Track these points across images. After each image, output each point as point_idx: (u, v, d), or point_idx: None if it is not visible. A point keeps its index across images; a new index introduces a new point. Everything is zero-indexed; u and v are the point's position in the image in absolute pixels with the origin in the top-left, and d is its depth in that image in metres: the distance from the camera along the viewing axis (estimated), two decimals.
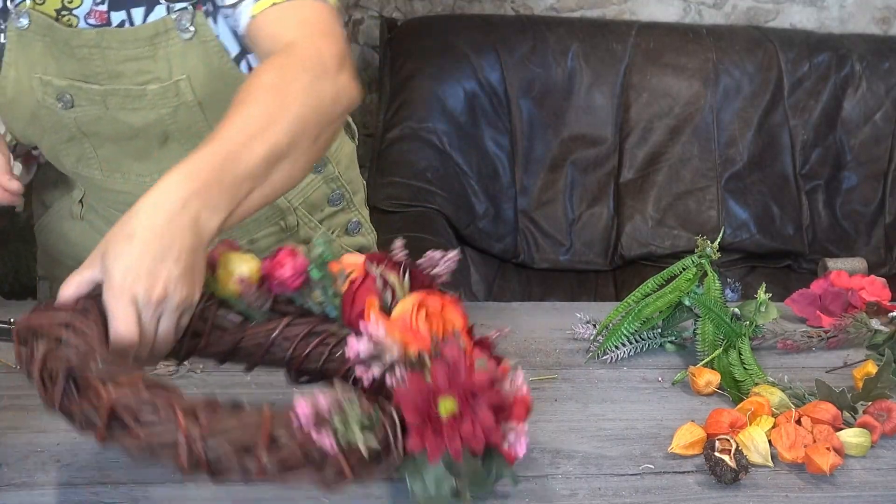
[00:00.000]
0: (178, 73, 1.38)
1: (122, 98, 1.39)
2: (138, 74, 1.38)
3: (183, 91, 1.38)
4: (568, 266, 2.90)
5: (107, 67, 1.37)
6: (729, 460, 1.12)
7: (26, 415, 1.18)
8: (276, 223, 1.55)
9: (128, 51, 1.37)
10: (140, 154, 1.44)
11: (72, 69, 1.38)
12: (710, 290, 1.38)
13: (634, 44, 2.93)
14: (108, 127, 1.41)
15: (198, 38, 1.37)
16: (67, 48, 1.37)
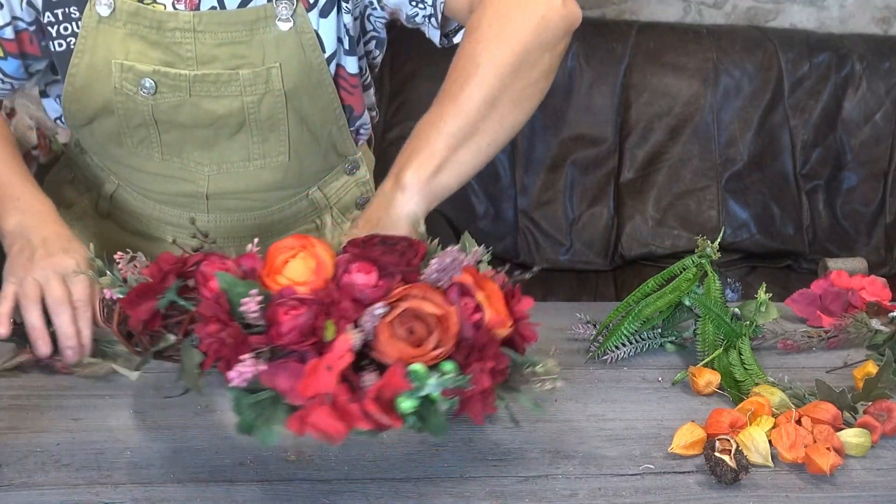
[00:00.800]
0: (272, 60, 1.40)
1: (209, 84, 1.40)
2: (231, 59, 1.39)
3: (273, 79, 1.40)
4: (568, 266, 2.90)
5: (198, 51, 1.38)
6: (729, 460, 1.12)
7: (26, 415, 1.19)
8: (312, 221, 1.57)
9: (224, 34, 1.38)
10: (206, 142, 1.45)
11: (156, 55, 1.38)
12: (710, 290, 1.38)
13: (634, 44, 2.93)
14: (187, 114, 1.42)
15: (296, 29, 1.39)
16: (157, 32, 1.37)
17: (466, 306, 1.06)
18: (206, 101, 1.41)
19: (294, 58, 1.41)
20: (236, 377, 0.99)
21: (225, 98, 1.41)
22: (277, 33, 1.39)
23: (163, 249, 1.50)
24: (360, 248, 1.09)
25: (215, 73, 1.39)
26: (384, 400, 0.99)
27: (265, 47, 1.39)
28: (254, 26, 1.38)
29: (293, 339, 1.00)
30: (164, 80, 1.39)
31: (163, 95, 1.40)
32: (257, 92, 1.41)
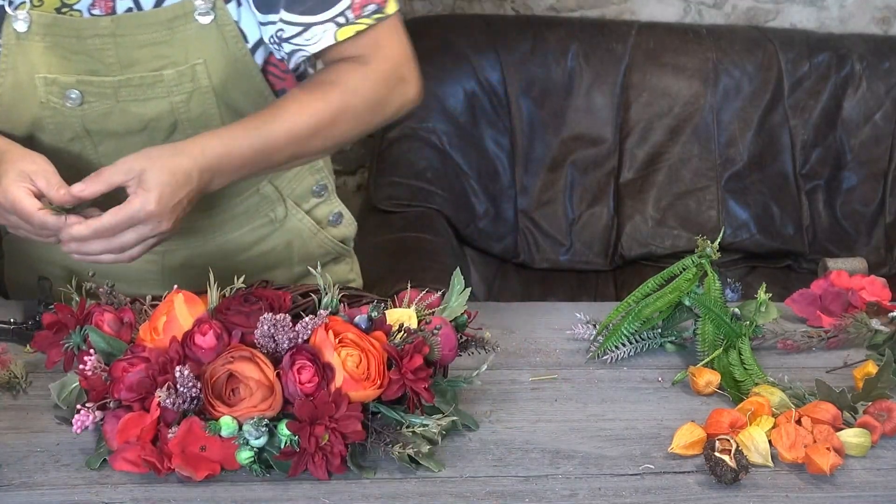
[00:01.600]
0: (195, 57, 1.38)
1: (135, 88, 1.38)
2: (154, 60, 1.38)
3: (199, 76, 1.38)
4: (568, 266, 2.90)
5: (120, 56, 1.36)
6: (729, 460, 1.12)
7: (26, 415, 1.19)
8: (265, 215, 1.55)
9: (144, 35, 1.36)
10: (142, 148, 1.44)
11: (79, 65, 1.37)
12: (710, 290, 1.38)
13: (634, 44, 2.93)
14: (116, 121, 1.40)
15: (216, 22, 1.37)
16: (76, 42, 1.35)
17: (301, 370, 1.11)
18: (133, 105, 1.39)
19: (218, 52, 1.39)
20: (78, 427, 1.11)
21: (152, 100, 1.39)
22: (198, 29, 1.37)
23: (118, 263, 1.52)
24: (225, 307, 1.19)
25: (139, 76, 1.37)
26: (189, 450, 1.08)
27: (187, 44, 1.37)
28: (173, 24, 1.36)
29: (125, 395, 1.11)
30: (90, 88, 1.37)
31: (90, 105, 1.38)
32: (185, 91, 1.39)
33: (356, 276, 1.73)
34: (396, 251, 2.59)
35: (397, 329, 1.18)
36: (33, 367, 1.27)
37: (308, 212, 1.59)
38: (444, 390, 1.21)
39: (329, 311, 1.19)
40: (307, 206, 1.60)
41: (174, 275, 1.51)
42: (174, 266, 1.52)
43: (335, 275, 1.65)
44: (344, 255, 1.68)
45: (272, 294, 1.22)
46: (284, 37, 1.40)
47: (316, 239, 1.61)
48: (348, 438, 1.09)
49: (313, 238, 1.61)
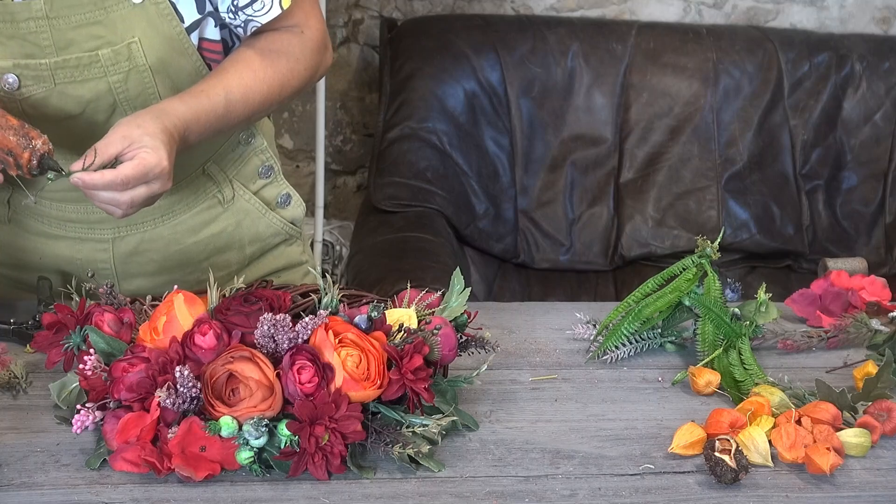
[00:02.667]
0: (129, 36, 1.39)
1: (72, 69, 1.38)
2: (89, 40, 1.38)
3: (134, 54, 1.39)
4: (568, 266, 2.90)
5: (55, 38, 1.36)
6: (729, 460, 1.12)
7: (26, 415, 1.18)
8: (213, 196, 1.56)
9: (78, 16, 1.36)
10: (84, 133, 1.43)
11: (14, 49, 1.37)
12: (710, 290, 1.38)
13: (634, 44, 2.93)
14: (55, 104, 1.40)
15: (149, 1, 1.38)
16: (10, 26, 1.35)
17: (301, 371, 1.11)
18: (71, 87, 1.39)
19: (152, 30, 1.40)
20: (78, 427, 1.11)
21: (90, 81, 1.39)
22: (131, 8, 1.38)
23: (67, 247, 1.51)
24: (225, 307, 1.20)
25: (75, 57, 1.38)
26: (189, 450, 1.08)
27: (121, 24, 1.38)
28: (106, 4, 1.37)
29: (125, 395, 1.11)
30: (26, 72, 1.37)
31: (28, 88, 1.38)
32: (121, 70, 1.40)
33: (308, 256, 1.73)
34: (396, 251, 2.59)
35: (397, 329, 1.18)
36: (33, 367, 1.27)
37: (255, 193, 1.60)
38: (444, 390, 1.21)
39: (329, 311, 1.19)
40: (254, 187, 1.60)
41: (126, 261, 1.53)
42: (126, 252, 1.53)
43: (288, 256, 1.66)
44: (294, 237, 1.68)
45: (272, 294, 1.22)
46: (240, 5, 1.43)
47: (265, 219, 1.61)
48: (348, 438, 1.09)
49: (262, 218, 1.61)
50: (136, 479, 1.08)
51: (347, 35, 3.14)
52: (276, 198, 1.63)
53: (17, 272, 1.55)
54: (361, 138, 3.25)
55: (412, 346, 1.16)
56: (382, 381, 1.13)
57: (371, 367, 1.13)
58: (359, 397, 1.11)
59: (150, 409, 1.10)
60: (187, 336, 1.14)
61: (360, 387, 1.11)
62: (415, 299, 1.24)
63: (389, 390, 1.14)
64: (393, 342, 1.17)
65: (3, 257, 1.55)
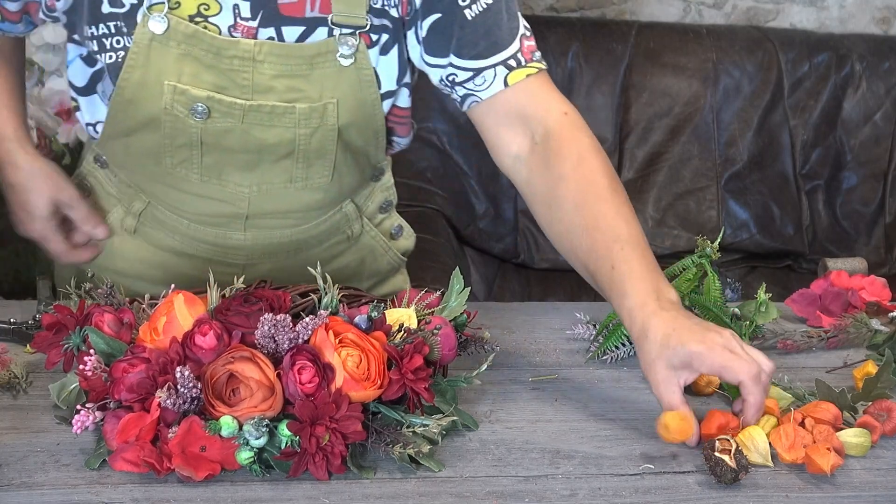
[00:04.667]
0: (329, 96, 1.38)
1: (264, 115, 1.37)
2: (288, 91, 1.37)
3: (329, 114, 1.39)
4: (568, 266, 2.87)
5: (255, 81, 1.36)
6: (729, 460, 1.12)
7: (26, 415, 1.18)
8: (343, 231, 1.56)
9: (285, 66, 1.36)
10: (247, 165, 1.43)
11: (211, 79, 1.36)
12: (710, 290, 1.38)
13: (634, 44, 2.93)
14: (234, 140, 1.39)
15: (355, 66, 1.37)
16: (213, 58, 1.34)
17: (301, 371, 1.11)
18: (257, 129, 1.39)
19: (351, 94, 1.39)
20: (78, 427, 1.10)
21: (277, 128, 1.39)
22: (337, 69, 1.37)
23: (195, 267, 1.50)
24: (225, 307, 1.19)
25: (271, 105, 1.37)
26: (189, 450, 1.08)
27: (324, 82, 1.38)
28: (314, 61, 1.37)
29: (125, 396, 1.11)
30: (218, 106, 1.36)
31: (214, 121, 1.37)
32: (311, 126, 1.39)
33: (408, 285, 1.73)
34: None
35: (397, 329, 1.18)
36: (33, 367, 1.27)
37: (377, 226, 1.61)
38: (444, 390, 1.21)
39: (329, 311, 1.19)
40: (375, 221, 1.61)
41: None
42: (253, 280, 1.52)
43: (393, 285, 1.67)
44: (401, 267, 1.69)
45: (272, 294, 1.22)
46: (457, 81, 1.41)
47: (386, 256, 1.63)
48: (349, 438, 1.09)
49: (384, 255, 1.63)
50: (136, 479, 1.08)
51: None
52: (391, 229, 1.63)
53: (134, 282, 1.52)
54: None
55: (412, 346, 1.16)
56: (383, 381, 1.13)
57: (371, 367, 1.13)
58: (359, 397, 1.11)
59: (151, 409, 1.10)
60: (187, 336, 1.14)
61: (360, 387, 1.11)
62: (414, 299, 1.24)
63: (390, 390, 1.14)
64: (393, 342, 1.17)
65: (124, 266, 1.55)
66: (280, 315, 1.14)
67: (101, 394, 1.14)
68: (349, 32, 1.37)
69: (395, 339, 1.17)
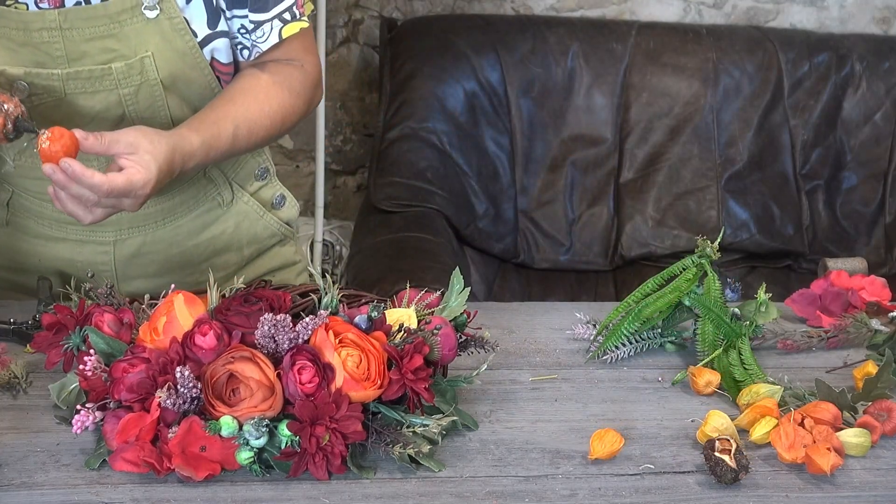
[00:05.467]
0: (143, 50, 1.39)
1: (83, 81, 1.38)
2: (102, 53, 1.38)
3: (147, 69, 1.39)
4: (568, 266, 2.90)
5: (68, 49, 1.36)
6: (729, 460, 1.12)
7: (26, 415, 1.19)
8: (214, 198, 1.56)
9: (92, 29, 1.36)
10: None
11: (25, 56, 1.36)
12: (710, 290, 1.38)
13: (634, 44, 2.93)
14: (64, 113, 1.40)
15: (164, 15, 1.38)
16: (23, 34, 1.35)
17: (301, 371, 1.11)
18: (81, 97, 1.39)
19: (165, 45, 1.40)
20: (78, 427, 1.10)
21: (100, 93, 1.39)
22: (145, 22, 1.38)
23: (67, 250, 1.51)
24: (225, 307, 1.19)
25: (88, 70, 1.38)
26: (189, 450, 1.08)
27: (135, 38, 1.38)
28: (120, 17, 1.37)
29: (125, 396, 1.11)
30: (37, 81, 1.37)
31: (38, 97, 1.38)
32: (133, 84, 1.40)
33: (301, 256, 1.74)
34: (396, 251, 2.59)
35: (397, 329, 1.18)
36: (33, 367, 1.28)
37: (252, 194, 1.61)
38: (444, 390, 1.21)
39: (329, 311, 1.19)
40: (251, 189, 1.61)
41: (127, 264, 1.53)
42: (127, 255, 1.53)
43: (283, 256, 1.67)
44: (288, 237, 1.69)
45: (272, 294, 1.22)
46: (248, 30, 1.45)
47: (262, 221, 1.63)
48: (349, 439, 1.09)
49: (259, 220, 1.62)
50: (136, 479, 1.08)
51: (347, 35, 3.14)
52: (272, 199, 1.64)
53: (16, 275, 1.55)
54: (361, 138, 3.25)
55: (412, 346, 1.16)
56: (383, 381, 1.13)
57: (371, 367, 1.13)
58: (359, 397, 1.11)
59: (151, 409, 1.10)
60: (187, 336, 1.14)
61: (360, 387, 1.11)
62: (414, 299, 1.24)
63: (390, 390, 1.14)
64: (393, 342, 1.17)
65: (1, 260, 1.55)
66: (280, 315, 1.14)
67: (101, 394, 1.14)
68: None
69: (395, 339, 1.17)
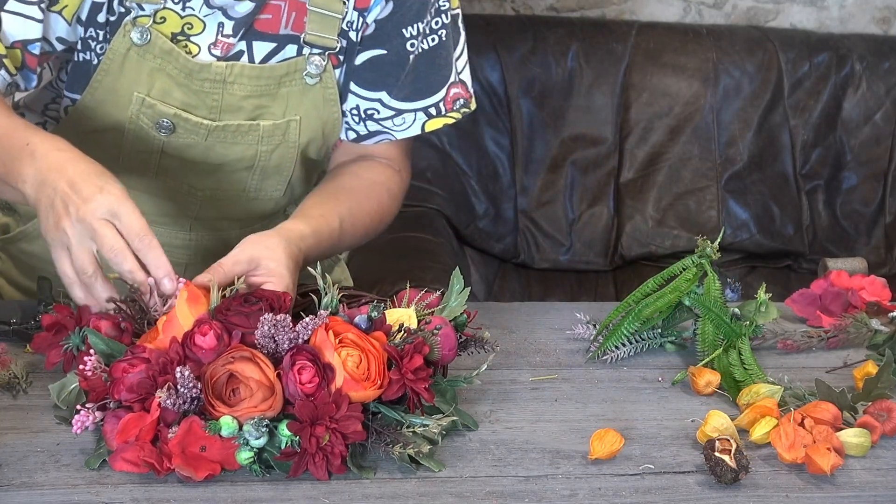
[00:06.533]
0: (292, 113, 1.39)
1: (229, 133, 1.38)
2: (254, 110, 1.38)
3: (291, 131, 1.39)
4: (568, 266, 2.90)
5: (224, 102, 1.36)
6: (729, 460, 1.12)
7: (26, 415, 1.18)
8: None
9: (254, 87, 1.37)
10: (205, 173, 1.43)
11: (180, 97, 1.36)
12: (710, 290, 1.38)
13: (634, 44, 2.93)
14: (196, 153, 1.40)
15: (321, 84, 1.38)
16: (185, 78, 1.35)
17: (301, 371, 1.10)
18: (220, 146, 1.39)
19: (314, 112, 1.40)
20: (78, 427, 1.10)
21: (240, 146, 1.40)
22: (302, 87, 1.38)
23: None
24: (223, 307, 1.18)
25: (236, 124, 1.38)
26: (189, 450, 1.08)
27: (288, 100, 1.38)
28: (282, 80, 1.37)
29: (125, 396, 1.11)
30: (184, 124, 1.37)
31: (178, 137, 1.38)
32: (273, 143, 1.40)
33: (347, 276, 1.74)
34: (396, 251, 2.59)
35: (397, 329, 1.18)
36: (33, 367, 1.27)
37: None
38: (444, 390, 1.21)
39: (329, 311, 1.19)
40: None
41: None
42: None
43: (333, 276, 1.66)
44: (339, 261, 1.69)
45: (272, 294, 1.22)
46: (376, 117, 1.43)
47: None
48: (349, 439, 1.09)
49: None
50: (136, 479, 1.08)
51: None
52: None
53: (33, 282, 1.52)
54: None
55: (412, 346, 1.16)
56: (383, 381, 1.13)
57: (371, 367, 1.13)
58: (359, 397, 1.11)
59: (151, 409, 1.10)
60: (187, 336, 1.14)
61: (360, 387, 1.11)
62: (414, 299, 1.24)
63: (390, 390, 1.14)
64: (393, 342, 1.17)
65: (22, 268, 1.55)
66: (280, 315, 1.14)
67: (101, 394, 1.14)
68: (318, 52, 1.37)
69: (395, 339, 1.17)
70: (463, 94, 1.47)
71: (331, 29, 1.36)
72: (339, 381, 1.11)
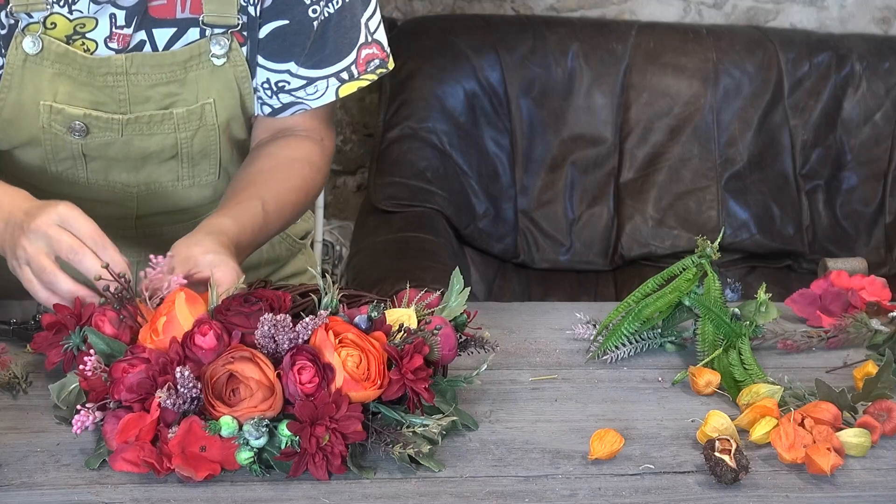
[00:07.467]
0: (205, 96, 1.38)
1: (143, 125, 1.37)
2: (164, 98, 1.37)
3: (207, 114, 1.38)
4: (568, 266, 2.90)
5: (132, 94, 1.36)
6: (729, 460, 1.12)
7: (26, 415, 1.18)
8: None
9: (159, 75, 1.36)
10: (133, 167, 1.43)
11: (87, 97, 1.36)
12: (710, 290, 1.38)
13: (634, 44, 2.93)
14: (117, 151, 1.39)
15: (229, 63, 1.37)
16: (87, 76, 1.34)
17: (301, 371, 1.10)
18: (138, 139, 1.39)
19: (227, 91, 1.39)
20: (78, 427, 1.10)
21: (157, 136, 1.39)
22: (211, 69, 1.37)
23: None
24: (223, 307, 1.18)
25: (148, 115, 1.37)
26: (189, 450, 1.08)
27: (198, 84, 1.37)
28: (188, 64, 1.36)
29: (125, 396, 1.11)
30: (96, 122, 1.36)
31: (94, 136, 1.38)
32: (191, 128, 1.39)
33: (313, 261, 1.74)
34: (396, 251, 2.59)
35: (397, 329, 1.18)
36: (33, 367, 1.27)
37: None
38: (444, 390, 1.21)
39: (329, 311, 1.19)
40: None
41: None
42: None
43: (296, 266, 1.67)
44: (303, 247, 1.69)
45: (272, 294, 1.22)
46: (287, 88, 1.41)
47: (284, 243, 1.63)
48: (349, 439, 1.09)
49: (282, 242, 1.63)
50: (136, 479, 1.08)
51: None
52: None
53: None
54: (361, 138, 3.25)
55: (412, 346, 1.16)
56: (383, 381, 1.13)
57: (371, 367, 1.13)
58: (359, 397, 1.11)
59: (151, 409, 1.10)
60: (187, 336, 1.14)
61: (360, 387, 1.11)
62: (414, 299, 1.24)
63: (390, 390, 1.14)
64: (393, 342, 1.17)
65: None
66: (280, 315, 1.14)
67: (101, 394, 1.14)
68: (221, 32, 1.36)
69: (395, 339, 1.17)
70: (378, 54, 1.45)
71: (229, 7, 1.35)
72: (339, 382, 1.11)
